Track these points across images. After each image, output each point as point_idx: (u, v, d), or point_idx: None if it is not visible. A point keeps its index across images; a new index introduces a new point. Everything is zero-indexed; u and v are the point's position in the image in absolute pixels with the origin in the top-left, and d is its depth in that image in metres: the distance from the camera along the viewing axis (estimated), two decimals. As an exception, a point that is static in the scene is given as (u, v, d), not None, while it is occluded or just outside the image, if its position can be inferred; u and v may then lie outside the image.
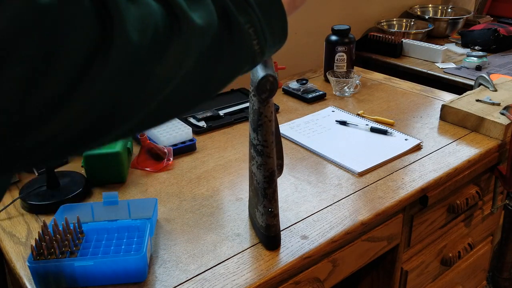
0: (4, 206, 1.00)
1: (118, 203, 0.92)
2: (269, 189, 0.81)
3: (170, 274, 0.80)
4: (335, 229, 0.90)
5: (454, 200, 1.18)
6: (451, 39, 2.15)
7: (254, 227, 0.89)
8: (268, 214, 0.82)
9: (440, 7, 2.37)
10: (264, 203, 0.82)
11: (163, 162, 1.13)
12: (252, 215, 0.89)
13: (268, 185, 0.81)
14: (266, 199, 0.81)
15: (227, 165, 1.13)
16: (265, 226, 0.83)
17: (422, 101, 1.46)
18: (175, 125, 1.24)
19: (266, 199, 0.81)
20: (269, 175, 0.80)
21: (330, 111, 1.40)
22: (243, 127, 1.32)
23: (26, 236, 0.90)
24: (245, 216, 0.95)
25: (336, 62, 1.57)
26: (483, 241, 1.42)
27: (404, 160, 1.13)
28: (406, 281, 1.16)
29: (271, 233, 0.84)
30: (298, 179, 1.07)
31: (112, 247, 0.82)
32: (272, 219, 0.83)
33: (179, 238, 0.89)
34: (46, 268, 0.76)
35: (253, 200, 0.87)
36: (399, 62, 1.90)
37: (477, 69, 1.77)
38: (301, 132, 1.27)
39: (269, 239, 0.85)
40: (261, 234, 0.86)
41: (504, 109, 1.25)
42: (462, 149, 1.17)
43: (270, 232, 0.84)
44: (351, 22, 2.02)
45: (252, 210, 0.89)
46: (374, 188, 1.03)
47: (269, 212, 0.82)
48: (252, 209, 0.88)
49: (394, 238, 1.06)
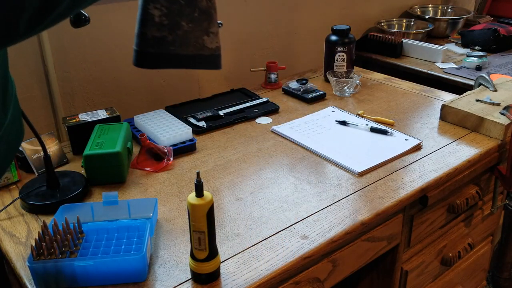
0: (4, 206, 1.00)
1: (118, 203, 0.92)
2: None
3: (170, 274, 0.80)
4: (335, 229, 0.90)
5: (454, 200, 1.18)
6: (451, 39, 2.15)
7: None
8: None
9: (440, 7, 2.37)
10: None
11: (163, 162, 1.13)
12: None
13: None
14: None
15: (227, 165, 1.13)
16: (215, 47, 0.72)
17: (422, 101, 1.46)
18: (175, 125, 1.24)
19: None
20: None
21: (330, 111, 1.40)
22: (243, 127, 1.32)
23: (26, 236, 0.90)
24: (245, 216, 0.95)
25: (336, 62, 1.57)
26: (483, 241, 1.42)
27: (404, 160, 1.13)
28: (406, 281, 1.16)
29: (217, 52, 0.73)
30: (298, 179, 1.07)
31: (112, 247, 0.82)
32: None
33: (179, 238, 0.89)
34: (46, 268, 0.76)
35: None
36: (399, 62, 1.90)
37: (477, 69, 1.77)
38: (301, 132, 1.27)
39: (217, 58, 0.74)
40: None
41: (504, 109, 1.25)
42: (462, 149, 1.17)
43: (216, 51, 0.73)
44: (351, 22, 2.02)
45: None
46: (374, 188, 1.03)
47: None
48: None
49: (394, 238, 1.06)
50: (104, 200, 0.92)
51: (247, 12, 1.68)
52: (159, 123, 1.26)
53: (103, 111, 1.25)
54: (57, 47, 1.31)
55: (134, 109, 1.51)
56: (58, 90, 1.35)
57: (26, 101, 1.30)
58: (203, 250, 0.75)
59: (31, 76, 1.30)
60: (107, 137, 1.10)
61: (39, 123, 1.34)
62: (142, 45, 0.69)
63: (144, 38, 0.69)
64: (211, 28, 0.70)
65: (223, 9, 1.60)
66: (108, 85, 1.44)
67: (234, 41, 1.68)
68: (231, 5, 1.62)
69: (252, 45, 1.74)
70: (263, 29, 1.75)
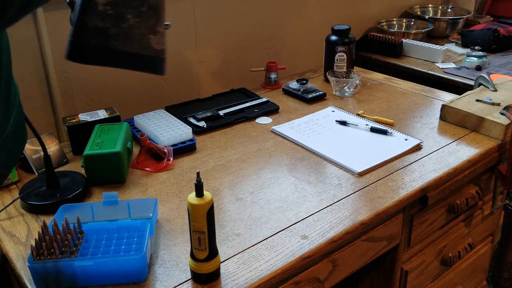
0: (4, 206, 1.00)
1: (118, 203, 0.92)
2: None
3: (170, 274, 0.80)
4: (335, 229, 0.90)
5: (454, 200, 1.18)
6: (451, 39, 2.15)
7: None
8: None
9: (440, 7, 2.37)
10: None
11: (163, 162, 1.13)
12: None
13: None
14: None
15: (227, 165, 1.13)
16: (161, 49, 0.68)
17: (422, 101, 1.46)
18: (175, 125, 1.24)
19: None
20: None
21: (330, 111, 1.40)
22: (243, 127, 1.32)
23: (26, 236, 0.90)
24: (245, 216, 0.95)
25: (336, 62, 1.57)
26: (483, 241, 1.42)
27: (404, 160, 1.13)
28: (406, 281, 1.16)
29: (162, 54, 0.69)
30: (298, 179, 1.07)
31: (112, 247, 0.82)
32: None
33: (179, 238, 0.89)
34: (46, 268, 0.76)
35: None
36: (399, 62, 1.90)
37: (477, 69, 1.77)
38: (301, 132, 1.27)
39: (161, 61, 0.69)
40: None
41: (504, 109, 1.25)
42: (462, 149, 1.17)
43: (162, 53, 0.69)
44: (351, 22, 2.02)
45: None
46: (374, 188, 1.03)
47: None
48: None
49: (394, 238, 1.06)
50: (104, 200, 0.92)
51: (247, 12, 1.68)
52: (159, 123, 1.26)
53: (103, 111, 1.25)
54: (57, 47, 1.31)
55: (134, 109, 1.51)
56: (58, 90, 1.35)
57: (26, 101, 1.30)
58: (203, 250, 0.75)
59: (31, 76, 1.30)
60: (107, 137, 1.10)
61: (39, 123, 1.34)
62: (80, 35, 0.61)
63: (84, 28, 0.61)
64: (158, 27, 0.65)
65: (223, 9, 1.60)
66: (108, 85, 1.44)
67: (234, 41, 1.68)
68: (231, 5, 1.62)
69: (252, 45, 1.74)
70: (263, 29, 1.75)
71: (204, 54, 1.62)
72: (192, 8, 1.53)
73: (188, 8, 1.53)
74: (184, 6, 1.51)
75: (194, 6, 1.54)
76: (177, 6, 1.50)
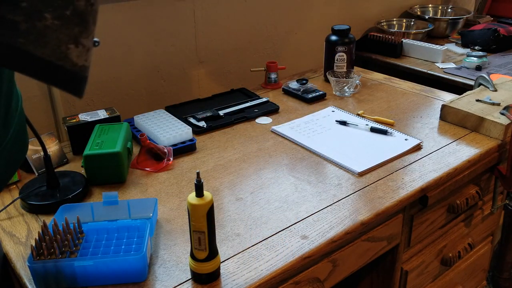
0: (4, 206, 1.00)
1: (118, 203, 0.92)
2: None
3: (170, 274, 0.80)
4: (335, 229, 0.90)
5: (454, 200, 1.18)
6: (451, 39, 2.15)
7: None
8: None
9: (440, 7, 2.37)
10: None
11: (163, 162, 1.13)
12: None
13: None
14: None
15: (227, 165, 1.13)
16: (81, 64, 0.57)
17: (422, 101, 1.46)
18: (175, 125, 1.24)
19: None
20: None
21: (330, 111, 1.40)
22: (243, 127, 1.32)
23: (26, 236, 0.90)
24: (245, 216, 0.95)
25: (336, 62, 1.57)
26: (483, 241, 1.42)
27: (404, 160, 1.13)
28: (406, 281, 1.16)
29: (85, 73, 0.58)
30: (298, 179, 1.07)
31: (112, 247, 0.82)
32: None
33: (179, 238, 0.89)
34: (46, 268, 0.76)
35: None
36: (399, 62, 1.90)
37: (477, 69, 1.77)
38: (301, 132, 1.27)
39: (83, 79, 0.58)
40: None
41: (504, 109, 1.25)
42: (462, 149, 1.17)
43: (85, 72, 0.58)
44: (351, 22, 2.02)
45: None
46: (374, 188, 1.03)
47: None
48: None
49: (394, 238, 1.06)
50: (104, 200, 0.92)
51: (247, 12, 1.68)
52: (159, 123, 1.26)
53: (103, 111, 1.25)
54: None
55: (134, 109, 1.51)
56: (58, 90, 1.35)
57: (26, 101, 1.30)
58: (203, 250, 0.75)
59: (31, 76, 1.30)
60: (107, 137, 1.10)
61: (39, 123, 1.34)
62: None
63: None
64: (83, 38, 0.55)
65: (223, 9, 1.60)
66: (108, 85, 1.44)
67: (234, 41, 1.68)
68: (231, 5, 1.62)
69: (252, 45, 1.74)
70: (263, 29, 1.75)
71: (204, 54, 1.62)
72: (192, 8, 1.53)
73: (188, 8, 1.53)
74: (184, 6, 1.51)
75: (194, 6, 1.54)
76: (177, 6, 1.50)
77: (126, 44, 1.44)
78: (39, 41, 0.52)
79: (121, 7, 1.40)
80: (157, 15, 1.47)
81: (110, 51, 1.42)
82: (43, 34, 0.52)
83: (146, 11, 1.44)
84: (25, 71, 0.53)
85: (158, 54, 1.51)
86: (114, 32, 1.41)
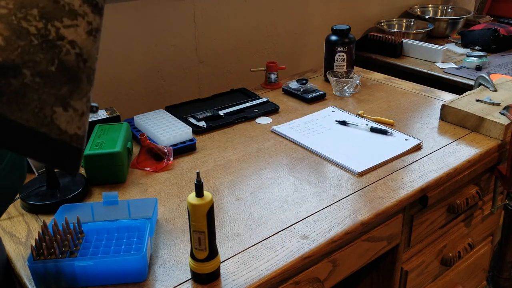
0: (4, 206, 1.00)
1: (118, 203, 0.92)
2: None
3: (170, 274, 0.80)
4: (335, 229, 0.90)
5: (454, 200, 1.18)
6: (451, 39, 2.15)
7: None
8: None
9: (440, 7, 2.37)
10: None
11: (163, 162, 1.13)
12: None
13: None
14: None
15: (227, 165, 1.13)
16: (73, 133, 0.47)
17: (422, 101, 1.46)
18: (175, 125, 1.24)
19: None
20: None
21: (330, 111, 1.40)
22: (243, 127, 1.32)
23: (26, 236, 0.90)
24: (245, 216, 0.95)
25: (336, 62, 1.57)
26: (483, 241, 1.42)
27: (404, 160, 1.13)
28: (406, 281, 1.16)
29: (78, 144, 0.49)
30: (298, 179, 1.07)
31: (112, 247, 0.82)
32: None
33: (179, 238, 0.89)
34: (46, 268, 0.76)
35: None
36: (399, 62, 1.90)
37: (477, 69, 1.77)
38: (301, 132, 1.27)
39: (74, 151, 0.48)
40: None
41: (504, 109, 1.25)
42: (462, 149, 1.17)
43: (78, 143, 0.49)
44: (351, 22, 2.02)
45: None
46: (374, 188, 1.03)
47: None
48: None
49: (394, 238, 1.06)
50: (104, 200, 0.92)
51: (247, 12, 1.68)
52: (159, 123, 1.26)
53: (103, 111, 1.25)
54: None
55: (134, 109, 1.51)
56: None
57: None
58: (203, 250, 0.75)
59: (31, 76, 1.30)
60: (107, 137, 1.10)
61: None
62: None
63: None
64: (74, 101, 0.45)
65: (223, 9, 1.60)
66: (108, 85, 1.44)
67: (234, 41, 1.68)
68: (231, 5, 1.62)
69: (252, 45, 1.74)
70: (263, 29, 1.75)
71: (204, 54, 1.62)
72: (192, 8, 1.53)
73: (188, 8, 1.53)
74: (184, 6, 1.51)
75: (194, 6, 1.54)
76: (177, 6, 1.50)
77: (126, 44, 1.44)
78: (14, 101, 0.42)
79: (121, 7, 1.40)
80: (157, 15, 1.47)
81: (110, 51, 1.42)
82: (20, 94, 0.42)
83: (146, 11, 1.44)
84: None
85: (158, 54, 1.51)
86: (114, 32, 1.41)
